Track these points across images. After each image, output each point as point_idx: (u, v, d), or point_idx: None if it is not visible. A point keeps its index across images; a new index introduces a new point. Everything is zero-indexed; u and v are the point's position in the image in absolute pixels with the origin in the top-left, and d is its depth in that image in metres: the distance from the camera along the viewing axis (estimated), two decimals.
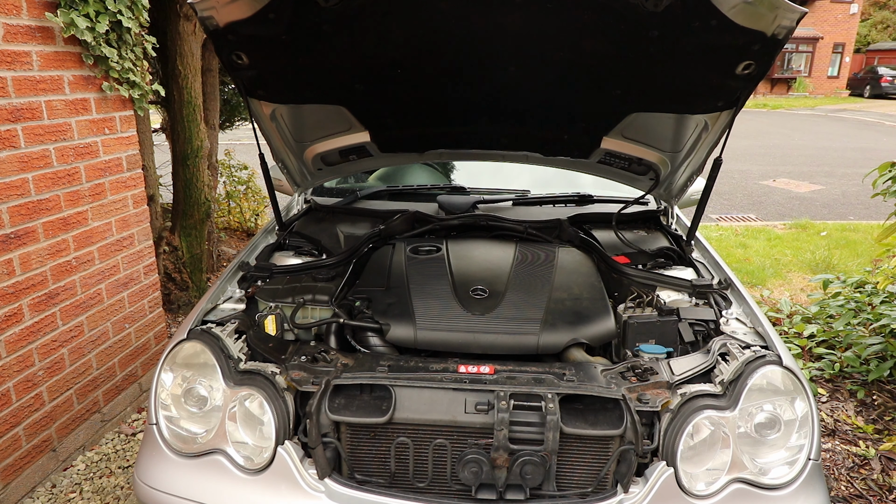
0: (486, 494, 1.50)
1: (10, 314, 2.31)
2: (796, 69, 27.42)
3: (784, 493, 1.51)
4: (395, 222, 2.46)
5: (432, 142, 2.61)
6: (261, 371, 1.63)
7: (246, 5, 1.72)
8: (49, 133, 2.43)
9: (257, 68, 2.02)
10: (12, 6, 2.21)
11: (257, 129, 2.31)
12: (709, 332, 1.87)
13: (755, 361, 1.60)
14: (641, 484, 1.51)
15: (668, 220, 2.75)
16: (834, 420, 3.08)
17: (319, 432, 1.53)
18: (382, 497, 1.50)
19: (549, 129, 2.45)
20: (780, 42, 1.68)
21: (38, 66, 2.35)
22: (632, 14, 1.67)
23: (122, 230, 2.91)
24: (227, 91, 5.95)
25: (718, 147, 2.20)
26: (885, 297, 3.58)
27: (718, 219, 7.32)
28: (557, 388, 1.53)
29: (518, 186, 3.05)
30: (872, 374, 3.26)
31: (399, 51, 1.98)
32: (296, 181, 2.73)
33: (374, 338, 1.87)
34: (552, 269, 2.13)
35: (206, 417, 1.64)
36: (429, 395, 1.54)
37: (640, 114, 2.24)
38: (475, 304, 1.93)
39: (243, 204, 6.20)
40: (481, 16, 1.77)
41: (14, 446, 2.38)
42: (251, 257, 2.27)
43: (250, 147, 8.51)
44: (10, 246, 2.29)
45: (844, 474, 2.69)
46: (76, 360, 2.68)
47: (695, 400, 1.55)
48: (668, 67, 1.91)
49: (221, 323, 1.80)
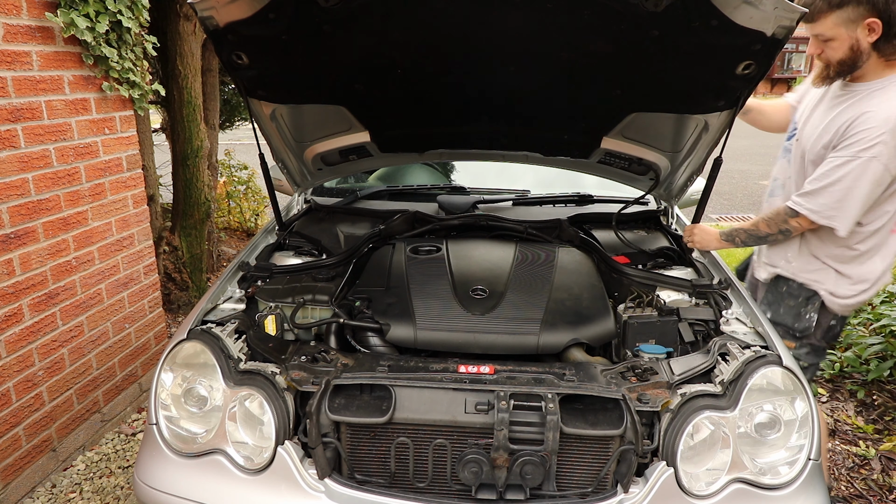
0: (486, 494, 1.50)
1: (10, 314, 2.31)
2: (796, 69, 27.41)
3: (784, 493, 1.51)
4: (395, 222, 2.46)
5: (432, 142, 2.61)
6: (261, 371, 1.63)
7: (246, 5, 1.72)
8: (49, 133, 2.43)
9: (257, 68, 2.02)
10: (12, 6, 2.21)
11: (257, 129, 2.31)
12: (709, 332, 1.87)
13: (755, 361, 1.60)
14: (641, 484, 1.51)
15: (668, 220, 2.75)
16: (834, 420, 3.08)
17: (319, 432, 1.53)
18: (382, 497, 1.50)
19: (549, 129, 2.45)
20: (781, 42, 1.68)
21: (38, 66, 2.35)
22: (632, 14, 1.67)
23: (122, 230, 2.91)
24: (227, 91, 5.95)
25: (718, 147, 2.20)
26: (885, 297, 3.58)
27: (718, 219, 7.32)
28: (557, 388, 1.53)
29: (519, 187, 3.05)
30: (872, 373, 3.26)
31: (399, 51, 1.98)
32: (296, 181, 2.73)
33: (374, 338, 1.87)
34: (552, 269, 2.13)
35: (206, 417, 1.63)
36: (429, 395, 1.54)
37: (640, 114, 2.24)
38: (475, 304, 1.93)
39: (243, 204, 6.20)
40: (481, 16, 1.77)
41: (14, 446, 2.38)
42: (251, 257, 2.27)
43: (250, 147, 8.51)
44: (10, 246, 2.29)
45: (844, 474, 2.69)
46: (76, 360, 2.68)
47: (695, 400, 1.55)
48: (669, 67, 1.91)
49: (221, 323, 1.80)
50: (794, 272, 2.15)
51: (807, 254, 2.12)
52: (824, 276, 2.10)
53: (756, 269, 2.36)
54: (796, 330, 2.17)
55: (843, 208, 1.92)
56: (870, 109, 1.88)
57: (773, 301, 2.22)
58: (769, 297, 2.25)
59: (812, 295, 2.13)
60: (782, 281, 2.20)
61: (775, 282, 2.23)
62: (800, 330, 2.17)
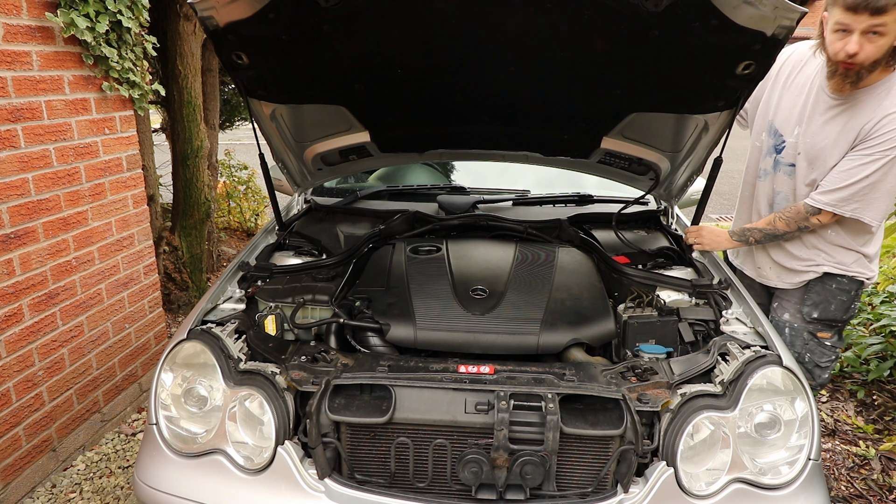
0: (486, 494, 1.50)
1: (10, 314, 2.31)
2: None
3: (784, 493, 1.51)
4: (395, 222, 2.46)
5: (432, 142, 2.60)
6: (261, 371, 1.63)
7: (246, 5, 1.72)
8: (49, 133, 2.43)
9: (257, 68, 2.02)
10: (12, 6, 2.21)
11: (257, 129, 2.31)
12: (709, 331, 1.87)
13: (755, 361, 1.60)
14: (641, 484, 1.51)
15: (668, 220, 2.75)
16: (834, 420, 3.08)
17: (319, 432, 1.53)
18: (382, 497, 1.50)
19: (549, 129, 2.45)
20: (781, 42, 1.68)
21: (38, 66, 2.35)
22: (632, 14, 1.67)
23: (122, 230, 2.91)
24: (227, 91, 5.96)
25: (718, 147, 2.20)
26: (885, 297, 3.58)
27: (718, 219, 7.32)
28: (557, 388, 1.53)
29: (519, 187, 3.05)
30: (872, 374, 3.26)
31: (399, 51, 1.98)
32: (296, 181, 2.73)
33: (374, 338, 1.87)
34: (552, 269, 2.13)
35: (206, 417, 1.63)
36: (429, 395, 1.54)
37: (640, 114, 2.24)
38: (475, 304, 1.93)
39: (243, 204, 6.20)
40: (481, 16, 1.77)
41: (14, 446, 2.38)
42: (251, 257, 2.27)
43: (250, 147, 8.51)
44: (10, 246, 2.29)
45: (844, 474, 2.69)
46: (76, 360, 2.68)
47: (695, 400, 1.55)
48: (669, 67, 1.91)
49: (221, 323, 1.79)
50: (842, 268, 2.22)
51: (840, 249, 2.20)
52: (861, 264, 2.22)
53: (772, 273, 2.36)
54: (842, 321, 2.28)
55: (873, 202, 2.04)
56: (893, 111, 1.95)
57: (823, 299, 2.26)
58: (815, 296, 2.27)
59: (860, 285, 2.26)
60: (829, 278, 2.24)
61: (822, 280, 2.25)
62: (846, 319, 2.28)
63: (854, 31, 1.86)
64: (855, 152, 2.03)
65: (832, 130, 2.08)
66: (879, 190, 2.02)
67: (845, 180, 2.04)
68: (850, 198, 2.05)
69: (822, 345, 2.29)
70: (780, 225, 2.20)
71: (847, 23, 1.85)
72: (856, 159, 2.02)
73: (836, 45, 1.92)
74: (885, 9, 1.78)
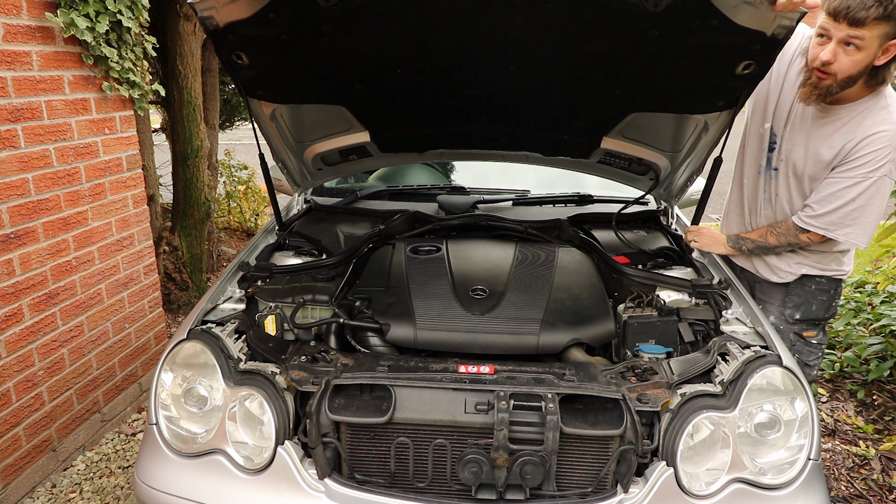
0: (486, 494, 1.50)
1: (10, 314, 2.31)
2: None
3: (784, 493, 1.51)
4: (395, 222, 2.46)
5: (432, 142, 2.61)
6: (261, 371, 1.62)
7: (246, 5, 1.71)
8: (49, 133, 2.43)
9: (257, 68, 2.02)
10: (12, 6, 2.21)
11: (257, 129, 2.31)
12: (709, 331, 1.87)
13: (755, 361, 1.60)
14: (641, 484, 1.51)
15: (667, 220, 2.76)
16: (834, 420, 3.08)
17: (319, 432, 1.53)
18: (382, 497, 1.50)
19: (549, 129, 2.45)
20: (780, 42, 1.68)
21: (38, 66, 2.35)
22: (632, 14, 1.67)
23: (122, 230, 2.91)
24: (227, 91, 5.96)
25: (718, 147, 2.20)
26: (885, 297, 3.58)
27: (718, 219, 7.31)
28: (557, 388, 1.53)
29: (519, 187, 3.05)
30: (872, 374, 3.26)
31: (399, 51, 1.98)
32: (296, 181, 2.73)
33: (374, 338, 1.87)
34: (552, 269, 2.13)
35: (206, 417, 1.63)
36: (429, 395, 1.54)
37: (640, 114, 2.24)
38: (475, 304, 1.93)
39: (243, 204, 6.20)
40: (481, 16, 1.77)
41: (14, 446, 2.38)
42: (251, 257, 2.27)
43: (250, 147, 8.51)
44: (10, 246, 2.29)
45: (844, 474, 2.69)
46: (76, 360, 2.68)
47: (695, 400, 1.55)
48: (668, 67, 1.91)
49: (221, 323, 1.79)
50: (820, 268, 2.23)
51: (817, 252, 2.21)
52: (838, 262, 2.23)
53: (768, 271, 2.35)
54: (824, 319, 2.30)
55: (860, 225, 2.04)
56: (876, 130, 1.93)
57: (804, 301, 2.28)
58: (795, 298, 2.29)
59: (838, 283, 2.28)
60: (808, 279, 2.25)
61: (801, 282, 2.26)
62: (828, 317, 2.31)
63: (832, 39, 1.84)
64: (838, 173, 2.02)
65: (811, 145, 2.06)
66: (867, 213, 2.02)
67: (832, 203, 2.03)
68: (841, 221, 2.03)
69: (809, 343, 2.32)
70: (771, 239, 2.22)
71: (828, 28, 1.84)
72: (840, 181, 2.01)
73: (815, 51, 1.90)
74: (863, 21, 1.75)
